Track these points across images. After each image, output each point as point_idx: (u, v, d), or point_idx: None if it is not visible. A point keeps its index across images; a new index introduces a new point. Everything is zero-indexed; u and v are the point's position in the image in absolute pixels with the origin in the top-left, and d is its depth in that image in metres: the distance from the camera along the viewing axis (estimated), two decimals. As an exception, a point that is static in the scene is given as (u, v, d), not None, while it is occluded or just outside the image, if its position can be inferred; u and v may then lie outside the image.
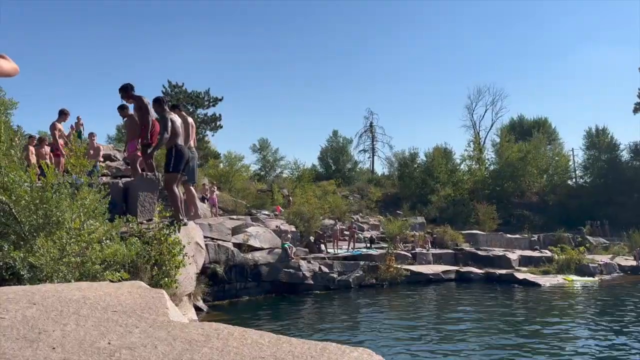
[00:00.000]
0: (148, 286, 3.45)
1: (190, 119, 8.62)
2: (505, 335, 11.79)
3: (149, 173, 8.22)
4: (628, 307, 15.77)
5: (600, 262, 24.70)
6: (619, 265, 25.29)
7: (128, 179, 9.79)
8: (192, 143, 8.44)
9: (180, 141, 7.50)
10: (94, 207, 5.93)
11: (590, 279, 22.21)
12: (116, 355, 2.15)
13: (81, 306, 2.78)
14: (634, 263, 25.54)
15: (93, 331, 2.41)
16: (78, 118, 16.22)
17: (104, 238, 5.66)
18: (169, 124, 7.28)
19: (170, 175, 7.42)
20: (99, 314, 2.67)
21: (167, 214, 7.37)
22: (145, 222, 7.29)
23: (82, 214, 5.68)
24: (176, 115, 7.81)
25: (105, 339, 2.32)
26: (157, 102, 7.79)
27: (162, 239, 6.32)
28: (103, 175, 13.48)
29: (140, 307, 2.77)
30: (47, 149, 12.31)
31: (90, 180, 6.25)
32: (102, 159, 16.95)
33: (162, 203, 8.24)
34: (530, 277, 21.50)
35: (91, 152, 13.06)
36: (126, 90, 8.38)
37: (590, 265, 23.70)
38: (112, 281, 4.46)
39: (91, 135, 14.23)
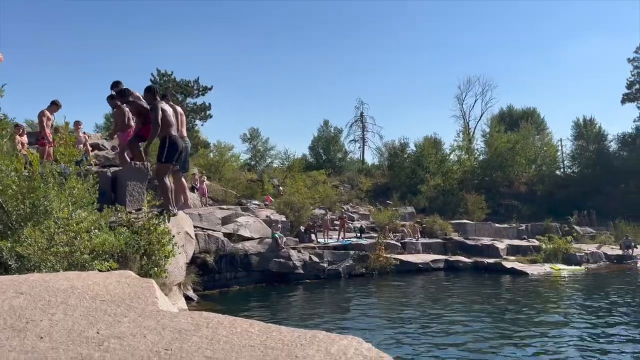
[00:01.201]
0: (137, 276, 3.44)
1: (179, 108, 8.52)
2: (492, 323, 11.93)
3: (137, 162, 8.15)
4: (613, 295, 16.01)
5: (587, 251, 25.02)
6: (605, 254, 25.65)
7: (116, 168, 9.71)
8: (184, 132, 8.35)
9: (174, 131, 7.39)
10: (83, 196, 5.88)
11: (577, 267, 22.50)
12: (105, 344, 2.14)
13: (69, 296, 2.76)
14: (620, 252, 25.90)
15: (81, 321, 2.40)
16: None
17: (92, 228, 5.62)
18: (159, 113, 7.18)
19: (163, 166, 7.33)
20: (88, 303, 2.65)
21: (157, 203, 7.33)
22: (134, 211, 7.24)
23: (70, 203, 5.63)
24: (167, 105, 7.71)
25: (93, 328, 2.31)
26: (149, 91, 7.68)
27: (152, 228, 6.28)
28: (91, 164, 13.34)
29: (129, 297, 2.76)
30: (24, 138, 12.09)
31: (79, 169, 6.19)
32: (90, 148, 16.79)
33: (151, 192, 8.19)
34: (518, 266, 21.74)
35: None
36: (123, 95, 8.29)
37: (577, 254, 24.00)
38: (100, 271, 4.43)
39: (77, 123, 13.94)
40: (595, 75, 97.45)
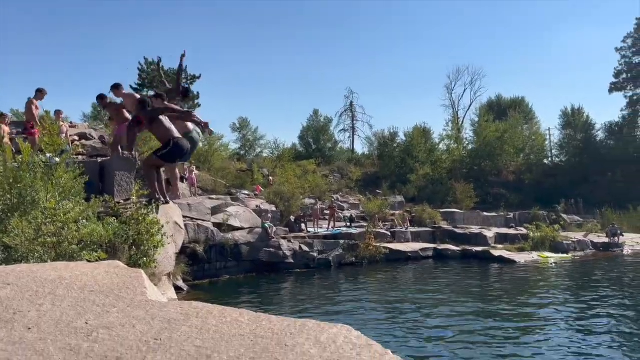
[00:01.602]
0: (125, 266, 3.42)
1: (176, 107, 8.31)
2: (480, 311, 12.07)
3: (125, 152, 8.08)
4: (599, 282, 16.25)
5: (574, 240, 25.33)
6: (592, 242, 25.98)
7: (104, 158, 9.63)
8: (190, 126, 7.98)
9: (177, 134, 7.14)
10: (70, 186, 5.83)
11: (564, 255, 22.78)
12: (94, 335, 2.13)
13: (57, 286, 2.74)
14: (606, 240, 26.25)
15: (70, 311, 2.39)
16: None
17: (80, 218, 5.58)
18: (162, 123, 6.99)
19: (155, 160, 7.20)
20: (76, 294, 2.64)
21: (145, 193, 7.29)
22: (122, 201, 7.20)
23: (57, 193, 5.58)
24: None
25: (82, 318, 2.30)
26: (159, 97, 7.55)
27: (140, 218, 6.25)
28: (78, 154, 13.21)
29: (117, 287, 2.75)
30: (6, 128, 11.92)
31: (65, 159, 6.13)
32: (77, 138, 16.61)
33: (140, 182, 8.14)
34: (506, 254, 21.97)
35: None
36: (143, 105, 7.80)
37: (564, 242, 24.29)
38: (89, 261, 4.41)
39: (57, 113, 13.70)
40: (584, 65, 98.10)
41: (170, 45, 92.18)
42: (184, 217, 15.41)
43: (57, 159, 5.97)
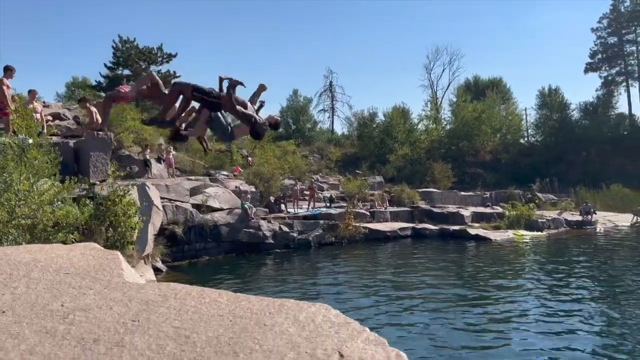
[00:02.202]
0: (102, 248, 3.39)
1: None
2: (457, 289, 12.31)
3: (100, 132, 7.94)
4: (571, 259, 16.69)
5: (549, 218, 25.89)
6: (565, 220, 26.59)
7: (79, 139, 9.45)
8: None
9: None
10: (44, 168, 5.71)
11: (539, 233, 23.29)
12: (70, 317, 2.11)
13: (32, 269, 2.70)
14: (580, 218, 26.89)
15: (45, 294, 2.36)
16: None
17: (55, 200, 5.49)
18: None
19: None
20: (51, 276, 2.60)
21: (121, 174, 7.19)
22: (98, 182, 7.09)
23: (31, 175, 5.46)
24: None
25: (58, 301, 2.27)
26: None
27: (117, 200, 6.18)
28: (52, 135, 12.91)
29: (94, 269, 2.72)
30: None
31: (39, 140, 5.99)
32: (51, 118, 16.23)
33: (115, 163, 8.02)
34: (482, 232, 22.37)
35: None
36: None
37: (539, 220, 24.81)
38: (65, 243, 4.34)
39: (31, 93, 13.26)
40: (560, 45, 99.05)
41: (146, 23, 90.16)
42: (162, 198, 15.31)
43: (30, 140, 5.83)
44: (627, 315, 9.71)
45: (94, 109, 11.17)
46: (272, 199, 22.40)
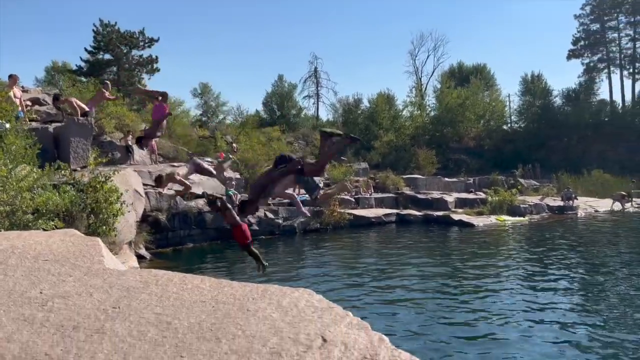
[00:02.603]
0: (81, 234, 3.33)
1: None
2: (439, 273, 12.46)
3: (80, 117, 7.80)
4: (552, 243, 16.97)
5: (531, 203, 26.22)
6: (547, 205, 26.97)
7: (59, 124, 9.28)
8: None
9: None
10: (22, 153, 5.60)
11: (521, 218, 23.60)
12: (49, 304, 2.08)
13: (9, 256, 2.65)
14: (561, 203, 27.29)
15: (23, 281, 2.31)
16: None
17: (34, 186, 5.39)
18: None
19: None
20: (29, 263, 2.56)
21: (103, 161, 7.08)
22: (79, 169, 6.98)
23: (8, 161, 5.35)
24: None
25: (36, 288, 2.23)
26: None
27: (98, 186, 6.09)
28: (31, 120, 12.65)
29: (73, 255, 2.68)
30: None
31: (16, 125, 5.86)
32: (30, 103, 15.89)
33: (97, 149, 7.91)
34: (465, 218, 22.60)
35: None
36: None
37: (521, 205, 25.13)
38: (44, 230, 4.27)
39: (12, 78, 12.95)
40: (544, 32, 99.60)
41: (127, 6, 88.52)
42: (144, 185, 15.15)
43: (8, 125, 5.70)
44: (604, 295, 9.94)
45: (72, 99, 11.00)
46: (256, 185, 22.30)
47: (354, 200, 23.63)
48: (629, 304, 9.36)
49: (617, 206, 27.78)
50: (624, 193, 28.49)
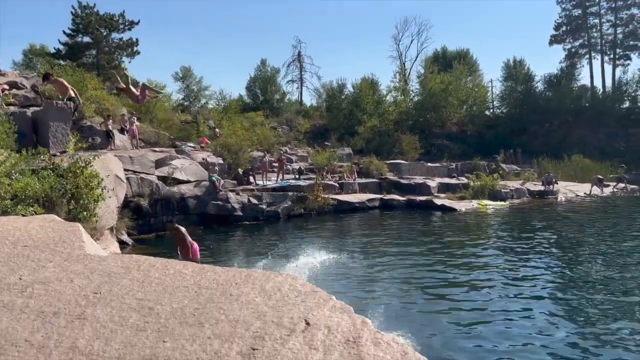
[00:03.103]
0: (61, 220, 3.29)
1: None
2: (421, 255, 12.61)
3: (59, 102, 7.65)
4: (532, 227, 17.25)
5: (512, 188, 26.54)
6: (528, 190, 27.32)
7: (37, 108, 9.09)
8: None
9: None
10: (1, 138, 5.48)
11: (502, 203, 23.90)
12: (28, 290, 2.05)
13: (-13, 242, 2.60)
14: (542, 188, 27.69)
15: (2, 267, 2.28)
16: None
17: (13, 171, 5.28)
18: None
19: None
20: (8, 249, 2.52)
21: (83, 146, 6.97)
22: (58, 154, 6.86)
23: (-16, 146, 5.24)
24: None
25: (15, 274, 2.20)
26: None
27: (78, 171, 5.99)
28: (9, 104, 12.38)
29: (53, 241, 2.64)
30: None
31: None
32: (7, 87, 15.55)
33: (76, 134, 7.78)
34: (448, 202, 22.83)
35: None
36: None
37: (503, 190, 25.43)
38: (24, 216, 4.20)
39: None
40: (527, 17, 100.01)
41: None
42: (125, 170, 15.00)
43: (-17, 109, 5.56)
44: (581, 274, 10.17)
45: (62, 80, 10.85)
46: (240, 171, 22.23)
47: (337, 185, 23.68)
48: (599, 276, 9.69)
49: (596, 190, 28.31)
50: (600, 177, 29.06)
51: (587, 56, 49.88)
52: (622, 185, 30.15)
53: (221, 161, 21.89)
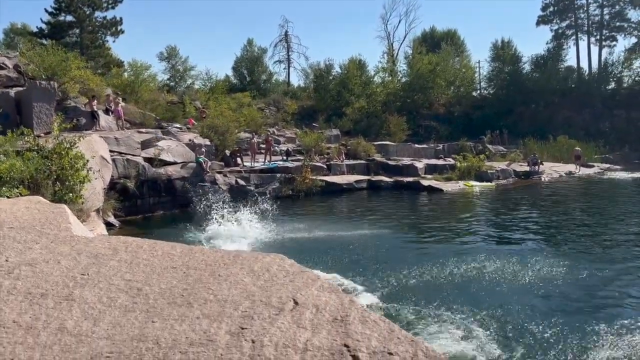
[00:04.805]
0: (47, 201, 3.26)
1: None
2: (408, 235, 12.80)
3: (43, 82, 7.52)
4: (516, 206, 17.50)
5: (498, 169, 26.79)
6: (514, 171, 27.60)
7: (20, 89, 8.93)
8: None
9: None
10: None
11: (488, 184, 24.13)
12: (15, 272, 2.04)
13: (-29, 224, 2.58)
14: (527, 169, 27.99)
15: (-13, 249, 2.26)
16: None
17: (-5, 153, 5.21)
18: None
19: None
20: (-7, 231, 2.49)
21: (67, 127, 6.87)
22: (43, 135, 6.77)
23: (-34, 127, 5.15)
24: None
25: (2, 256, 2.19)
26: None
27: (63, 153, 5.93)
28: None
29: (39, 223, 2.62)
30: None
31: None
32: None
33: (61, 115, 7.66)
34: (434, 183, 23.01)
35: None
36: None
37: (489, 171, 25.66)
38: (8, 197, 4.16)
39: None
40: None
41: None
42: (111, 151, 14.84)
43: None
44: (564, 250, 10.38)
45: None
46: (227, 152, 22.12)
47: (325, 167, 23.69)
48: (578, 245, 9.92)
49: (578, 168, 28.90)
50: (578, 149, 29.67)
51: (574, 37, 49.94)
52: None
53: (208, 142, 21.75)
